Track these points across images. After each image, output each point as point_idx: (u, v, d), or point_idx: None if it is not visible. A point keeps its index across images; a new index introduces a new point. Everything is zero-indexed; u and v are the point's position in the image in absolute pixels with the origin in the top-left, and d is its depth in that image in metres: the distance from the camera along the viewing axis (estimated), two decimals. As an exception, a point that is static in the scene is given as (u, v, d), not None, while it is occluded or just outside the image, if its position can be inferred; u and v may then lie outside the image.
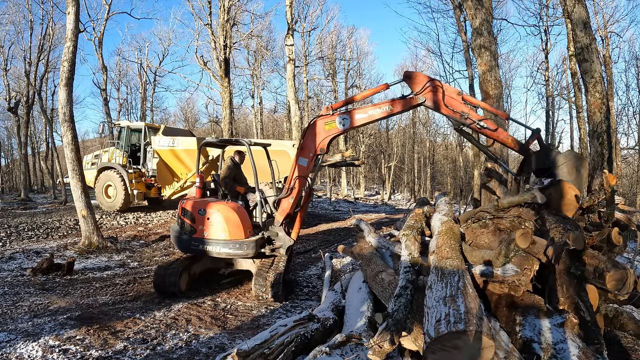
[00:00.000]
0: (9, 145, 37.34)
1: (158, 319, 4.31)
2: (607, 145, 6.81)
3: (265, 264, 5.20)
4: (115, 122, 16.86)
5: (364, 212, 18.19)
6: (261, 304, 4.95)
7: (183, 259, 5.35)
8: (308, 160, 5.03)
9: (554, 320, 2.46)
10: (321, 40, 30.45)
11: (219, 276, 5.95)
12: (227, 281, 6.01)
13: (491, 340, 1.85)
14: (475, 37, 8.27)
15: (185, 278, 5.31)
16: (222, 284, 6.05)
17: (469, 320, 1.92)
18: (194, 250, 5.24)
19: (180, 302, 4.91)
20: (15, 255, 7.26)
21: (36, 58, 21.70)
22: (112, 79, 33.08)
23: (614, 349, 3.06)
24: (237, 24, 18.84)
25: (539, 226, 3.13)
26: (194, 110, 42.77)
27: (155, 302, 5.00)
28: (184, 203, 5.35)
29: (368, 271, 3.70)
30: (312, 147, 4.98)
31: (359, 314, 3.11)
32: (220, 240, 5.10)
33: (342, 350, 2.25)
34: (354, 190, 33.18)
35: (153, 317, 4.34)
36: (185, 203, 5.35)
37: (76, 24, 8.11)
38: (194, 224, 5.18)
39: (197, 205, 5.26)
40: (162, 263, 5.35)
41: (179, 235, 5.31)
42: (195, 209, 5.23)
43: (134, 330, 3.95)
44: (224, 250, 5.09)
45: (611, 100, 17.32)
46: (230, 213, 5.15)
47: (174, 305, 4.78)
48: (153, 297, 5.21)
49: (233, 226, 5.10)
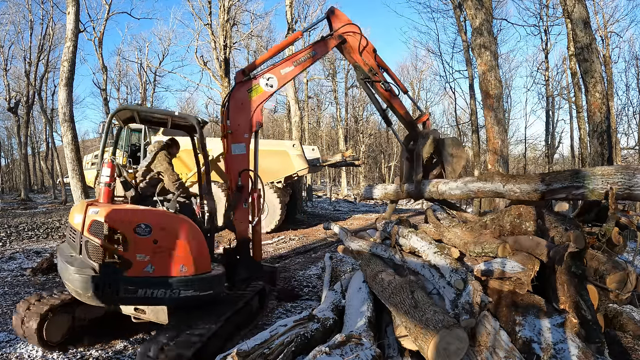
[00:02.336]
0: (9, 145, 37.40)
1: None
2: (607, 145, 6.81)
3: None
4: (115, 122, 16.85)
5: (364, 212, 18.18)
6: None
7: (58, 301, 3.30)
8: (246, 144, 3.97)
9: (554, 320, 2.46)
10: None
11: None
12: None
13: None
14: (475, 37, 8.27)
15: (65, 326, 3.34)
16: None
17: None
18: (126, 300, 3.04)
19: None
20: (15, 255, 7.26)
21: (36, 58, 21.73)
22: (112, 79, 33.09)
23: (614, 349, 3.06)
24: (237, 24, 18.86)
25: (540, 225, 3.13)
26: (194, 110, 42.74)
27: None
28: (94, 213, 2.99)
29: (368, 271, 3.70)
30: (246, 126, 3.96)
31: (359, 314, 3.11)
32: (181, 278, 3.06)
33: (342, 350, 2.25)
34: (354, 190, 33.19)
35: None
36: (100, 213, 2.97)
37: (76, 24, 8.11)
38: (125, 252, 2.94)
39: (130, 218, 3.05)
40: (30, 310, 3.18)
41: (91, 276, 2.87)
42: (129, 226, 2.98)
43: (134, 330, 3.95)
44: (185, 294, 3.06)
45: (611, 100, 17.33)
46: (194, 232, 3.20)
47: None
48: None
49: (199, 253, 3.20)
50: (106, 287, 2.91)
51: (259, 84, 4.07)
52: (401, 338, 2.64)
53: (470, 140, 20.47)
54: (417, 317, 2.35)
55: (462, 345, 2.12)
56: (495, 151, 8.08)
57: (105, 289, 2.90)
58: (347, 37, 4.49)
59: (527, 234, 3.10)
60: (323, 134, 38.91)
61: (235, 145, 3.96)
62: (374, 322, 3.05)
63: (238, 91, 4.04)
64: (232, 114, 3.97)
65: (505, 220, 3.34)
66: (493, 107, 8.09)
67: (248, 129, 4.00)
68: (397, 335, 2.69)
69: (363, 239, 4.71)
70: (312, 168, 10.90)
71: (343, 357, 2.17)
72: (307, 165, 10.29)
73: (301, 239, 10.03)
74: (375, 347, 2.44)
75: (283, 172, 9.82)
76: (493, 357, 2.29)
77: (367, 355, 2.26)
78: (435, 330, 2.13)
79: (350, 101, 33.11)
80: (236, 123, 3.98)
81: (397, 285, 2.91)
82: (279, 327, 2.80)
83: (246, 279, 4.11)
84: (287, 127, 25.44)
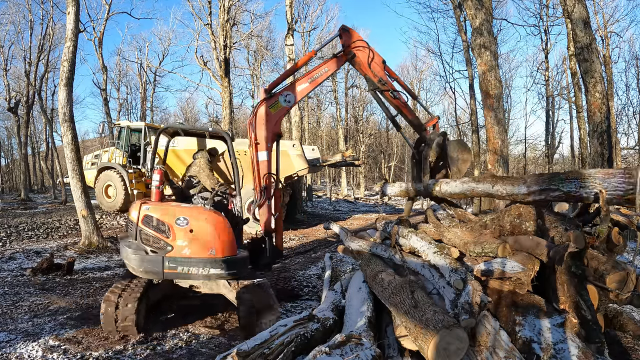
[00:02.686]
0: (9, 145, 37.42)
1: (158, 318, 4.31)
2: (607, 145, 6.81)
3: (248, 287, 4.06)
4: (115, 122, 16.88)
5: (364, 212, 18.19)
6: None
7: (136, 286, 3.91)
8: (268, 152, 4.66)
9: (554, 320, 2.46)
10: (321, 40, 30.42)
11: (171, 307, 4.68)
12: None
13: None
14: (476, 37, 8.27)
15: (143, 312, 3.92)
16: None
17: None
18: (169, 275, 3.83)
19: (180, 302, 4.90)
20: (15, 255, 7.26)
21: (36, 58, 21.74)
22: (112, 79, 33.17)
23: (614, 348, 3.06)
24: (237, 24, 18.85)
25: (540, 225, 3.13)
26: (194, 110, 42.84)
27: (155, 302, 4.98)
28: (146, 209, 3.90)
29: (368, 271, 3.70)
30: (269, 136, 4.63)
31: (359, 314, 3.11)
32: (209, 259, 3.83)
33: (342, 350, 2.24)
34: (354, 190, 33.16)
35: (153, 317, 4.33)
36: (151, 209, 3.89)
37: (76, 24, 8.11)
38: (167, 238, 3.80)
39: (172, 212, 3.88)
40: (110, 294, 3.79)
41: (142, 256, 3.79)
42: (171, 218, 3.83)
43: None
44: (214, 271, 3.83)
45: (611, 100, 17.33)
46: (221, 223, 3.96)
47: (174, 304, 4.78)
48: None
49: (225, 239, 3.94)
50: (154, 265, 3.76)
51: (278, 101, 4.68)
52: (401, 338, 2.64)
53: (470, 140, 20.47)
54: (417, 317, 2.34)
55: (462, 345, 2.12)
56: (495, 151, 8.09)
57: (152, 266, 3.76)
58: (357, 51, 4.95)
59: (527, 234, 3.10)
60: (323, 134, 38.91)
61: (260, 153, 4.61)
62: (374, 322, 3.04)
63: (261, 107, 4.65)
64: (257, 128, 4.62)
65: (505, 220, 3.33)
66: (493, 107, 8.09)
67: (270, 139, 4.65)
68: (397, 335, 2.69)
69: (363, 239, 4.71)
70: (312, 168, 10.90)
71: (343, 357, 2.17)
72: (307, 165, 10.29)
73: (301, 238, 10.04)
74: (376, 347, 2.44)
75: (283, 172, 9.82)
76: (493, 357, 2.28)
77: (367, 356, 2.26)
78: (435, 330, 2.13)
79: (350, 101, 33.14)
80: (261, 135, 4.61)
81: (397, 285, 2.90)
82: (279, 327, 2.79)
83: (269, 264, 4.83)
84: (287, 127, 25.45)
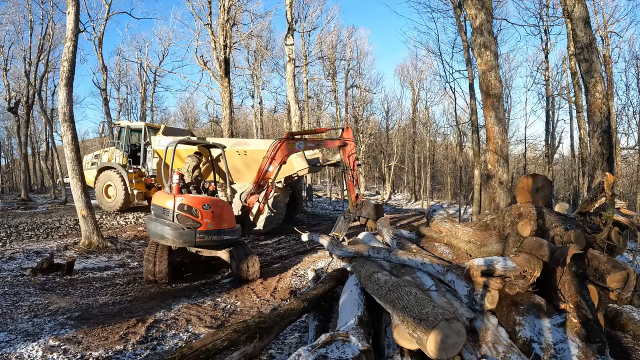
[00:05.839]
0: (9, 145, 37.34)
1: (158, 318, 4.31)
2: (607, 145, 6.80)
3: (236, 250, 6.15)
4: (115, 122, 16.86)
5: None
6: (262, 303, 4.94)
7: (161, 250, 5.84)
8: (274, 168, 7.40)
9: (554, 320, 2.46)
10: (321, 40, 30.45)
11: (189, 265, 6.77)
12: (227, 281, 6.02)
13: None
14: (476, 37, 8.27)
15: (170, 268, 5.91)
16: (222, 284, 6.04)
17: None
18: (199, 244, 5.76)
19: (180, 302, 4.91)
20: (15, 255, 7.25)
21: (36, 58, 21.68)
22: (112, 79, 33.09)
23: (614, 348, 3.05)
24: (237, 23, 18.84)
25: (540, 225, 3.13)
26: (194, 110, 42.76)
27: (155, 302, 5.00)
28: (180, 200, 5.69)
29: (362, 272, 3.69)
30: (279, 159, 7.42)
31: (350, 315, 3.09)
32: (223, 230, 5.90)
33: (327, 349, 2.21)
34: (354, 190, 33.09)
35: (153, 317, 4.34)
36: (184, 199, 5.72)
37: (76, 24, 8.11)
38: (197, 218, 5.64)
39: (199, 201, 5.76)
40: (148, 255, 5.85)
41: (180, 232, 5.59)
42: (199, 204, 5.71)
43: (134, 330, 3.95)
44: (227, 237, 5.95)
45: (611, 100, 17.32)
46: (227, 206, 6.19)
47: (174, 305, 4.78)
48: (153, 297, 5.21)
49: (231, 216, 6.13)
50: (190, 237, 5.63)
51: (294, 144, 7.62)
52: (399, 337, 2.63)
53: (470, 140, 20.45)
54: (416, 310, 2.33)
55: (459, 339, 2.12)
56: (495, 151, 8.08)
57: (188, 238, 5.64)
58: (348, 143, 8.43)
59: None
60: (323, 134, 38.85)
61: (270, 166, 7.40)
62: (365, 320, 3.02)
63: (285, 142, 7.50)
64: (277, 151, 7.41)
65: (505, 220, 3.34)
66: (493, 107, 8.09)
67: (279, 162, 7.45)
68: (396, 334, 2.68)
69: (357, 244, 4.70)
70: (312, 168, 10.89)
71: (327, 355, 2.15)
72: (307, 165, 10.28)
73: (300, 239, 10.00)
74: (365, 342, 2.41)
75: (283, 172, 9.85)
76: (492, 352, 2.29)
77: (354, 350, 2.23)
78: (435, 321, 2.13)
79: (350, 101, 33.10)
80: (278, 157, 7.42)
81: (394, 283, 2.90)
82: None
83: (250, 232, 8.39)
84: (287, 127, 25.43)
